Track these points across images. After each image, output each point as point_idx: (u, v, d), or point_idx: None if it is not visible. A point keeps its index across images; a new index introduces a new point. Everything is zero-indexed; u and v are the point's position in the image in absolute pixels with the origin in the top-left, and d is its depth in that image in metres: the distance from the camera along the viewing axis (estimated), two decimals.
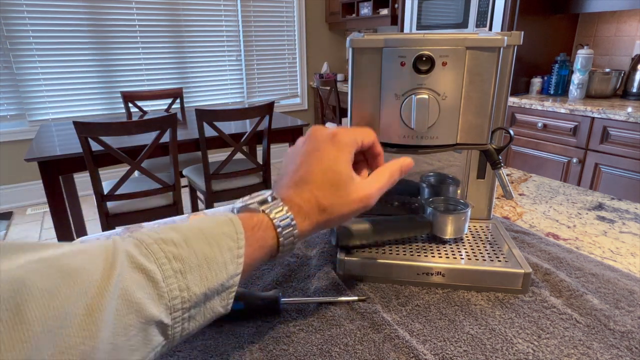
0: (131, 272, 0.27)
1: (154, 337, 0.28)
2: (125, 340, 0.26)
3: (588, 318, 0.45)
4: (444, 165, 0.61)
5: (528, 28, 2.21)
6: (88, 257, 0.26)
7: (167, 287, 0.28)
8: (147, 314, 0.27)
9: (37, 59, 3.01)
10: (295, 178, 0.39)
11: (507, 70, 0.53)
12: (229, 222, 0.34)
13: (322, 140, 0.40)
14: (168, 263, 0.29)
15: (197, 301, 0.30)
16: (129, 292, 0.27)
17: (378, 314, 0.46)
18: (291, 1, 3.92)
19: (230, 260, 0.32)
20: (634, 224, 0.69)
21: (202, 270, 0.30)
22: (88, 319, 0.24)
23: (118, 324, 0.25)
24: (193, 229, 0.32)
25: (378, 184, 0.41)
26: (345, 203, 0.39)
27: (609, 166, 1.90)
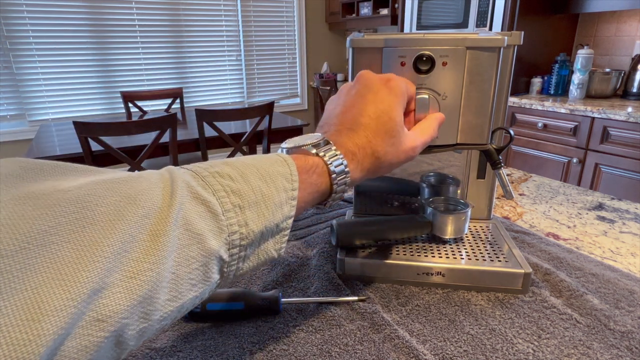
0: (191, 203, 0.26)
1: (213, 274, 0.27)
2: (187, 273, 0.25)
3: (588, 318, 0.45)
4: (444, 165, 0.61)
5: (528, 28, 2.21)
6: (147, 183, 0.25)
7: (226, 220, 0.27)
8: (208, 247, 0.26)
9: (37, 59, 3.01)
10: (347, 120, 0.37)
11: (507, 70, 0.53)
12: (283, 162, 0.32)
13: (376, 83, 0.39)
14: (227, 196, 0.27)
15: (254, 239, 0.29)
16: (191, 222, 0.25)
17: (378, 314, 0.46)
18: (291, 1, 3.92)
19: (285, 200, 0.31)
20: (634, 224, 0.69)
21: (259, 208, 0.29)
22: (153, 244, 0.23)
23: (181, 254, 0.24)
24: (247, 165, 0.30)
25: (423, 138, 0.40)
26: (396, 152, 0.38)
27: (609, 166, 1.90)
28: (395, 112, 0.38)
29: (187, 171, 0.28)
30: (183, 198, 0.25)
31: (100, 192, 0.22)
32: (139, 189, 0.24)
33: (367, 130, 0.37)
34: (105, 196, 0.22)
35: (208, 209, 0.26)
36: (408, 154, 0.39)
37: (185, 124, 2.43)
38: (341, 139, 0.36)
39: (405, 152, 0.39)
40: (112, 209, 0.22)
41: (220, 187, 0.28)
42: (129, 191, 0.23)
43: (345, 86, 0.41)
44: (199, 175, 0.28)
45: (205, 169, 0.29)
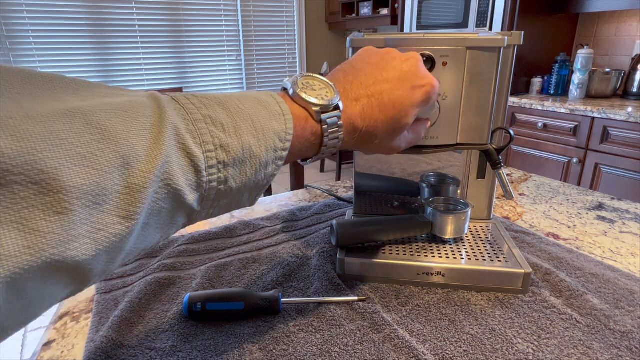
0: (177, 155, 0.24)
1: (180, 220, 0.26)
2: (156, 221, 0.24)
3: (588, 318, 0.45)
4: (444, 165, 0.61)
5: (528, 28, 2.21)
6: (132, 123, 0.22)
7: (207, 176, 0.26)
8: (183, 201, 0.25)
9: (37, 59, 3.01)
10: (372, 91, 0.36)
11: (507, 70, 0.53)
12: (281, 117, 0.30)
13: (421, 79, 0.38)
14: (213, 151, 0.26)
15: (229, 194, 0.28)
16: (172, 177, 0.24)
17: (378, 314, 0.46)
18: (291, 1, 3.92)
19: (272, 160, 0.30)
20: (634, 224, 0.69)
21: (244, 166, 0.28)
22: (129, 198, 0.22)
23: (154, 206, 0.23)
24: (243, 114, 0.29)
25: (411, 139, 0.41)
26: (387, 144, 0.38)
27: (609, 166, 1.90)
28: (412, 114, 0.38)
29: (179, 108, 0.26)
30: (170, 149, 0.24)
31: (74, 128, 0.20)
32: (120, 129, 0.22)
33: (382, 113, 0.36)
34: (79, 133, 0.20)
35: (192, 163, 0.25)
36: (392, 151, 0.40)
37: None
38: (353, 109, 0.35)
39: (392, 148, 0.40)
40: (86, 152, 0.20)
41: (209, 138, 0.26)
42: (109, 131, 0.21)
43: (393, 52, 0.39)
44: (191, 116, 0.26)
45: (199, 109, 0.27)
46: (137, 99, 0.24)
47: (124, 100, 0.24)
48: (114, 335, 0.43)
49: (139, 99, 0.25)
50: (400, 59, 0.38)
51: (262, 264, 0.57)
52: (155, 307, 0.48)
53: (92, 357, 0.40)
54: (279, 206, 0.78)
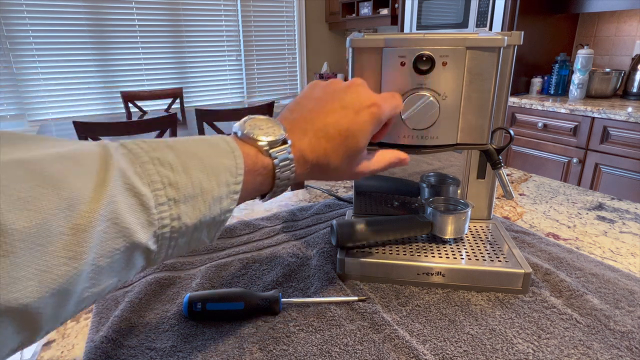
0: (123, 195, 0.25)
1: (137, 261, 0.27)
2: (109, 263, 0.24)
3: (588, 318, 0.45)
4: (444, 165, 0.61)
5: (528, 28, 2.21)
6: (76, 168, 0.23)
7: (158, 214, 0.26)
8: (135, 240, 0.25)
9: (37, 59, 3.01)
10: (318, 125, 0.37)
11: (507, 70, 0.53)
12: (231, 154, 0.31)
13: (363, 102, 0.38)
14: (162, 189, 0.27)
15: (186, 231, 0.28)
16: (120, 216, 0.24)
17: (378, 314, 0.46)
18: (291, 1, 3.92)
19: (226, 195, 0.30)
20: (634, 224, 0.69)
21: (196, 202, 0.28)
22: (74, 239, 0.22)
23: (104, 246, 0.24)
24: (191, 154, 0.29)
25: (375, 167, 0.42)
26: (344, 172, 0.39)
27: (609, 166, 1.90)
28: (363, 138, 0.38)
29: (126, 152, 0.27)
30: (115, 189, 0.24)
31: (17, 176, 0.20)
32: (64, 174, 0.22)
33: (330, 143, 0.37)
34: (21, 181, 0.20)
35: (139, 201, 0.25)
36: (353, 176, 0.40)
37: (185, 124, 2.43)
38: (301, 142, 0.36)
39: (352, 174, 0.40)
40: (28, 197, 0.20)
41: (157, 177, 0.27)
42: (53, 177, 0.22)
43: (337, 83, 0.41)
44: (138, 160, 0.27)
45: (146, 152, 0.27)
46: (83, 147, 0.25)
47: (70, 149, 0.24)
48: (114, 335, 0.43)
49: (85, 147, 0.25)
50: (342, 88, 0.40)
51: (262, 264, 0.57)
52: (155, 307, 0.48)
53: (92, 357, 0.40)
54: (279, 206, 0.78)
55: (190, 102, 3.67)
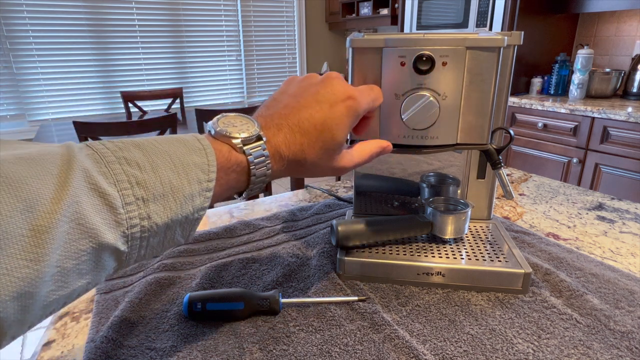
0: (87, 195, 0.24)
1: (107, 263, 0.26)
2: (75, 265, 0.24)
3: (588, 318, 0.45)
4: (444, 165, 0.61)
5: (528, 28, 2.21)
6: (36, 169, 0.23)
7: (126, 214, 0.26)
8: (102, 241, 0.24)
9: (37, 59, 3.01)
10: (292, 120, 0.36)
11: (507, 70, 0.53)
12: (202, 151, 0.30)
13: (338, 96, 0.38)
14: (130, 188, 0.26)
15: (158, 231, 0.28)
16: (84, 216, 0.24)
17: (378, 314, 0.46)
18: (291, 1, 3.92)
19: (198, 193, 0.29)
20: (634, 224, 0.69)
21: (166, 200, 0.28)
22: (34, 240, 0.21)
23: (68, 248, 0.23)
24: (161, 152, 0.29)
25: (358, 160, 0.41)
26: (324, 167, 0.38)
27: (609, 166, 1.90)
28: (340, 131, 0.37)
29: (92, 153, 0.26)
30: (78, 190, 0.24)
31: None
32: (23, 175, 0.22)
33: (306, 137, 0.36)
34: None
35: (105, 201, 0.25)
36: (336, 172, 0.39)
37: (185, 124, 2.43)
38: (276, 138, 0.35)
39: (333, 169, 0.39)
40: None
41: (124, 177, 0.26)
42: (9, 179, 0.21)
43: (312, 77, 0.40)
44: (104, 159, 0.26)
45: (112, 152, 0.27)
46: (46, 149, 0.25)
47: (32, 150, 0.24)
48: (114, 335, 0.43)
49: (49, 149, 0.25)
50: (317, 82, 0.39)
51: (262, 264, 0.57)
52: (155, 307, 0.48)
53: (92, 357, 0.40)
54: (279, 206, 0.78)
55: (190, 102, 3.67)
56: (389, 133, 0.48)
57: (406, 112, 0.46)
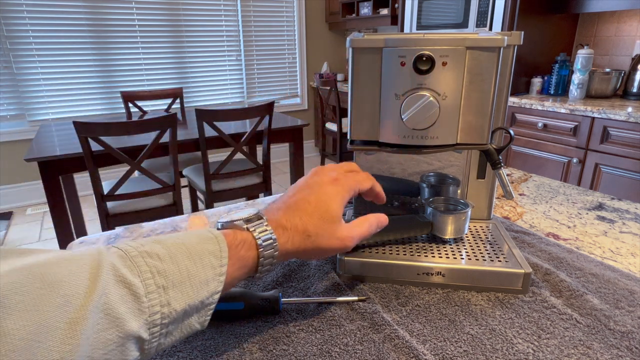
0: (115, 286, 0.27)
1: (131, 352, 0.28)
2: (103, 354, 0.26)
3: (588, 318, 0.45)
4: (444, 165, 0.61)
5: (528, 28, 2.21)
6: (73, 268, 0.26)
7: (148, 302, 0.29)
8: (127, 329, 0.27)
9: (37, 59, 3.01)
10: (288, 203, 0.41)
11: (507, 70, 0.53)
12: (214, 239, 0.34)
13: (324, 179, 0.43)
14: (151, 278, 0.29)
15: (177, 317, 0.30)
16: (112, 306, 0.26)
17: (378, 314, 0.46)
18: (291, 1, 3.92)
19: (212, 277, 0.33)
20: (634, 224, 0.69)
21: (184, 287, 0.31)
22: (70, 332, 0.24)
23: (98, 338, 0.25)
24: (177, 244, 0.32)
25: (359, 230, 0.43)
26: (328, 237, 0.41)
27: (609, 166, 1.90)
28: (334, 204, 0.41)
29: (118, 251, 0.30)
30: (107, 282, 0.27)
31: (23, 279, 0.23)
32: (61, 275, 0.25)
33: (303, 212, 0.40)
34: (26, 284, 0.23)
35: (130, 291, 0.28)
36: (344, 242, 0.42)
37: (185, 124, 2.43)
38: (276, 216, 0.39)
39: (339, 239, 0.41)
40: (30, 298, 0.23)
41: (146, 267, 0.29)
42: (50, 279, 0.24)
43: (302, 178, 0.45)
44: (128, 255, 0.29)
45: (135, 248, 0.30)
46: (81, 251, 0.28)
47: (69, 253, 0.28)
48: None
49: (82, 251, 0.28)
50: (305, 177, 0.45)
51: None
52: None
53: None
54: None
55: (190, 102, 3.67)
56: (389, 133, 0.48)
57: (406, 112, 0.46)
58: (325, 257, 0.45)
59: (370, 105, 0.48)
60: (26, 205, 3.18)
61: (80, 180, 2.99)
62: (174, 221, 0.72)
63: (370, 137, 0.50)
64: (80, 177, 3.03)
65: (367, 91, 0.48)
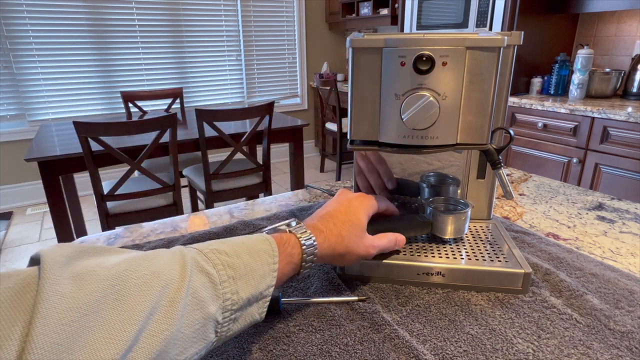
0: (198, 275, 0.33)
1: (209, 334, 0.33)
2: (191, 332, 0.31)
3: (588, 318, 0.45)
4: (444, 165, 0.61)
5: (528, 28, 2.21)
6: (166, 260, 0.32)
7: (222, 289, 0.34)
8: (208, 311, 0.32)
9: (37, 59, 3.01)
10: (321, 214, 0.48)
11: (507, 70, 0.53)
12: (266, 240, 0.40)
13: (350, 196, 0.51)
14: (224, 269, 0.35)
15: (242, 305, 0.35)
16: (197, 290, 0.32)
17: (378, 314, 0.46)
18: (291, 1, 3.92)
19: (268, 272, 0.38)
20: (634, 224, 0.69)
21: (248, 279, 0.36)
22: (170, 309, 0.29)
23: (188, 316, 0.31)
24: (238, 244, 0.38)
25: (380, 242, 0.49)
26: (357, 242, 0.46)
27: (609, 166, 1.90)
28: (361, 214, 0.48)
29: (194, 249, 0.36)
30: (192, 271, 0.32)
31: (133, 267, 0.30)
32: (161, 263, 0.31)
33: (336, 219, 0.47)
34: (137, 270, 0.29)
35: (210, 279, 0.33)
36: (367, 249, 0.47)
37: (185, 124, 2.43)
38: (312, 222, 0.46)
39: (365, 245, 0.47)
40: (142, 281, 0.29)
41: (218, 261, 0.35)
42: (153, 267, 0.31)
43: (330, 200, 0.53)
44: (202, 251, 0.35)
45: (206, 247, 0.36)
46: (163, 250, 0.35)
47: (152, 251, 0.34)
48: None
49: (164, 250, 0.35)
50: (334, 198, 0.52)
51: None
52: None
53: None
54: (279, 206, 0.78)
55: (190, 102, 3.67)
56: (389, 133, 0.48)
57: (406, 112, 0.46)
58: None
59: (370, 105, 0.48)
60: (26, 205, 3.18)
61: (80, 180, 2.99)
62: (174, 221, 0.72)
63: (370, 137, 0.50)
64: (80, 177, 3.03)
65: (367, 91, 0.48)
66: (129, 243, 0.64)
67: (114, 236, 0.67)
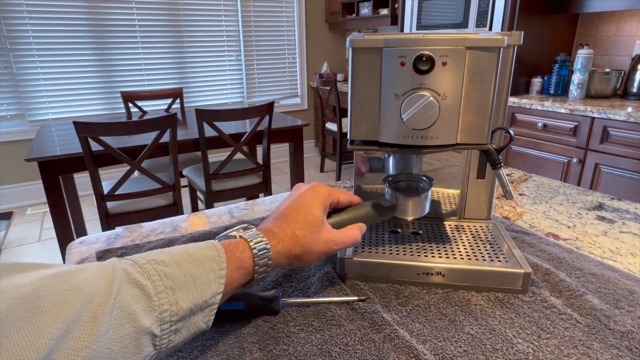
0: (128, 287, 0.31)
1: (145, 347, 0.31)
2: (121, 347, 0.29)
3: (588, 318, 0.45)
4: (444, 165, 0.61)
5: (528, 28, 2.21)
6: (92, 273, 0.30)
7: (158, 301, 0.32)
8: (141, 325, 0.31)
9: (37, 59, 3.01)
10: (274, 215, 0.46)
11: (507, 70, 0.53)
12: (212, 247, 0.38)
13: (302, 189, 0.48)
14: (160, 280, 0.33)
15: (184, 315, 0.34)
16: (126, 304, 0.30)
17: (378, 314, 0.46)
18: (291, 1, 3.92)
19: (214, 279, 0.36)
20: (634, 224, 0.69)
21: (188, 288, 0.34)
22: (92, 325, 0.27)
23: (116, 331, 0.29)
24: (180, 252, 0.37)
25: (341, 235, 0.47)
26: (315, 240, 0.44)
27: (609, 166, 1.90)
28: (315, 208, 0.46)
29: (128, 261, 0.34)
30: (121, 284, 0.31)
31: (51, 284, 0.28)
32: (84, 278, 0.29)
33: (289, 218, 0.44)
34: (55, 287, 0.27)
35: (142, 292, 0.32)
36: (328, 246, 0.45)
37: (185, 124, 2.43)
38: (265, 226, 0.44)
39: (324, 241, 0.45)
40: (60, 297, 0.27)
41: (154, 272, 0.33)
42: (75, 282, 0.29)
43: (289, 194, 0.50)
44: (137, 263, 0.34)
45: (143, 257, 0.35)
46: (92, 264, 0.33)
47: (80, 265, 0.32)
48: None
49: (93, 263, 0.33)
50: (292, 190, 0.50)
51: None
52: None
53: None
54: None
55: (190, 102, 3.67)
56: (389, 133, 0.48)
57: (406, 112, 0.46)
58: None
59: (370, 105, 0.48)
60: (26, 205, 3.18)
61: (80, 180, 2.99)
62: (174, 221, 0.72)
63: (370, 137, 0.50)
64: (80, 177, 3.03)
65: (367, 91, 0.48)
66: (129, 243, 0.64)
67: (114, 236, 0.67)
